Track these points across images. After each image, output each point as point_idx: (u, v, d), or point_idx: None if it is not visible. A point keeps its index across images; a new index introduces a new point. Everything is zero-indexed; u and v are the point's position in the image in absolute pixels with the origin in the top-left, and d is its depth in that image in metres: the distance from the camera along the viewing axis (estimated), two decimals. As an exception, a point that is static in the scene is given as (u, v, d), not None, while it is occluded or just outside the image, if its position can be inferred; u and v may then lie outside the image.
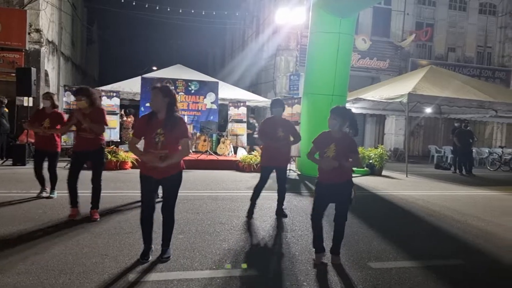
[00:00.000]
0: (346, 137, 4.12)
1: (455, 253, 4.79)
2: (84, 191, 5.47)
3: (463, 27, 19.94)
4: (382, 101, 12.95)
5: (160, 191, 4.05)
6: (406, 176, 11.61)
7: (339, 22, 10.40)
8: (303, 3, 15.72)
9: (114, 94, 12.81)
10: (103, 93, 12.22)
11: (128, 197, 6.72)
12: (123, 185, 8.04)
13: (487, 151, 17.07)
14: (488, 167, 15.79)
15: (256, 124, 14.36)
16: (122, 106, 13.83)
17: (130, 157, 10.28)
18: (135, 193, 6.04)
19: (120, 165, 10.23)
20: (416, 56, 19.21)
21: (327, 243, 4.26)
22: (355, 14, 10.97)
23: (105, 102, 12.14)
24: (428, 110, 15.93)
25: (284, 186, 6.00)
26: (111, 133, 12.13)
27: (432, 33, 19.22)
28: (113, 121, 12.19)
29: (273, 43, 18.04)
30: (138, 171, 4.05)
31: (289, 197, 6.98)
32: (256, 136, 14.18)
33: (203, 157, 11.95)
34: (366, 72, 18.31)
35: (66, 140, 10.95)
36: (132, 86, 13.98)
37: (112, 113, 12.40)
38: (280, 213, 6.03)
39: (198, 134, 13.02)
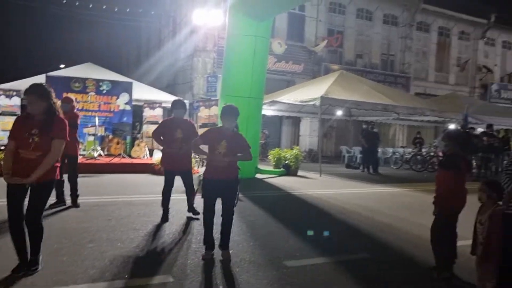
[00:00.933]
0: (237, 135, 4.33)
1: (363, 247, 5.08)
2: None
3: (369, 35, 21.40)
4: (297, 103, 13.42)
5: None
6: (320, 176, 12.12)
7: (256, 25, 10.56)
8: (220, 5, 15.74)
9: (15, 93, 11.73)
10: (0, 92, 11.13)
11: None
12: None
13: (391, 150, 18.48)
14: (392, 166, 17.09)
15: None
16: (23, 107, 12.70)
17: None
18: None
19: None
20: (328, 61, 20.19)
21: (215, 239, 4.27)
22: (271, 18, 11.23)
23: (4, 102, 11.07)
24: (339, 112, 16.83)
25: (192, 189, 5.95)
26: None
27: (342, 39, 20.36)
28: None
29: (190, 43, 17.81)
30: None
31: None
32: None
33: (116, 160, 11.40)
34: (282, 75, 18.84)
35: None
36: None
37: (12, 114, 11.36)
38: (192, 214, 5.96)
39: (110, 136, 12.38)
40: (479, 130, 15.40)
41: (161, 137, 5.80)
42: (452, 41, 23.74)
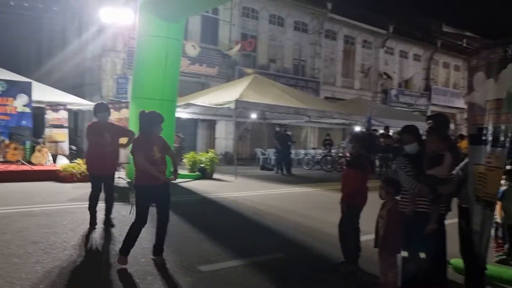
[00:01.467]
0: (160, 137, 4.40)
1: (277, 247, 5.18)
2: None
3: (281, 41, 22.09)
4: (212, 106, 13.37)
5: None
6: (236, 178, 12.20)
7: (168, 26, 10.31)
8: (130, 4, 15.13)
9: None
10: None
11: None
12: None
13: (303, 152, 19.23)
14: (304, 167, 17.78)
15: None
16: None
17: None
18: None
19: None
20: (242, 64, 20.42)
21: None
22: (183, 20, 11.04)
23: None
24: (254, 115, 17.12)
25: (112, 195, 5.68)
26: None
27: (255, 44, 20.74)
28: None
29: (99, 43, 16.85)
30: None
31: (118, 206, 6.53)
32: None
33: (13, 167, 10.38)
34: (197, 78, 18.66)
35: None
36: None
37: None
38: (108, 223, 5.65)
39: (6, 141, 11.24)
40: (381, 131, 16.65)
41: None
42: (357, 49, 25.41)
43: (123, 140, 5.84)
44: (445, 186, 3.44)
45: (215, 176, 12.37)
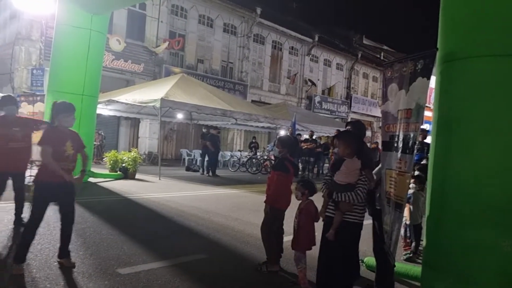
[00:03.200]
0: (76, 133, 4.17)
1: (200, 248, 5.16)
2: None
3: (210, 42, 22.02)
4: (136, 104, 12.95)
5: None
6: (159, 179, 11.91)
7: (91, 18, 9.82)
8: (50, -10, 14.14)
9: None
10: None
11: None
12: None
13: (229, 154, 19.32)
14: (230, 169, 17.87)
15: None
16: None
17: None
18: None
19: None
20: (169, 63, 20.04)
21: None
22: (107, 12, 10.58)
23: None
24: (180, 115, 16.87)
25: (22, 193, 5.30)
26: None
27: (183, 43, 20.46)
28: None
29: (11, 30, 15.55)
30: None
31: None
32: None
33: None
34: (121, 74, 17.95)
35: None
36: None
37: None
38: (19, 223, 5.31)
39: None
40: (305, 136, 17.29)
41: None
42: (284, 54, 26.13)
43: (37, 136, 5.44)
44: (342, 194, 3.43)
45: (138, 176, 11.98)
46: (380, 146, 5.32)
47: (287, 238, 4.53)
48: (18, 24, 15.28)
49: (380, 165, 3.89)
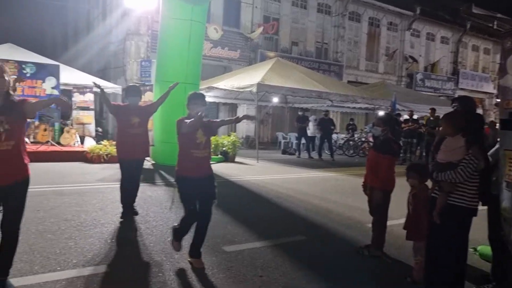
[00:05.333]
0: (207, 120, 4.01)
1: (299, 230, 5.23)
2: None
3: (304, 23, 21.79)
4: (234, 90, 13.38)
5: None
6: (257, 162, 12.26)
7: (191, 9, 10.31)
8: (154, -13, 15.16)
9: None
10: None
11: None
12: None
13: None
14: (326, 151, 17.67)
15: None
16: None
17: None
18: None
19: None
20: (264, 48, 20.30)
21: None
22: (206, 2, 11.02)
23: None
24: (276, 99, 17.07)
25: (138, 182, 5.46)
26: None
27: (278, 27, 20.54)
28: None
29: (123, 26, 17.01)
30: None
31: (143, 187, 6.67)
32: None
33: (43, 148, 10.70)
34: (219, 61, 18.67)
35: None
36: None
37: None
38: (131, 211, 5.39)
39: (36, 123, 11.58)
40: (405, 116, 16.37)
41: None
42: (381, 31, 24.87)
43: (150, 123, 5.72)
44: (444, 173, 3.20)
45: (237, 159, 12.46)
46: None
47: (391, 222, 4.39)
48: (128, 21, 16.66)
49: (496, 146, 3.55)
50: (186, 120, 3.70)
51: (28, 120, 11.07)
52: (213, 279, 3.56)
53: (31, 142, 11.16)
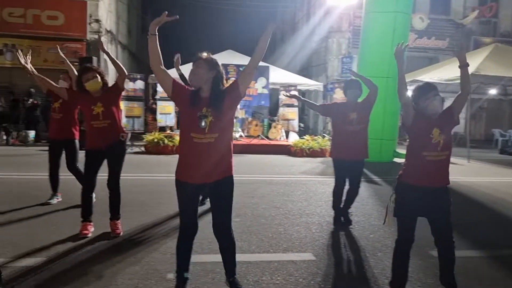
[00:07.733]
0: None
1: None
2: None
3: (532, 0, 18.42)
4: (442, 82, 12.31)
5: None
6: (468, 162, 11.05)
7: (396, 0, 9.96)
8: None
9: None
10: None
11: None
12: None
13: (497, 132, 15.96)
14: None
15: None
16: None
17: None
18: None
19: (176, 150, 10.52)
20: (479, 33, 18.01)
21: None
22: (412, -9, 10.47)
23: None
24: (492, 91, 14.98)
25: (358, 188, 4.84)
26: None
27: (497, 8, 17.91)
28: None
29: (325, 25, 17.64)
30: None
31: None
32: None
33: (255, 141, 12.03)
34: (423, 53, 17.47)
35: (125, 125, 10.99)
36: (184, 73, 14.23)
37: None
38: (346, 218, 4.90)
39: (250, 119, 13.11)
40: None
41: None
42: None
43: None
44: None
45: (443, 158, 11.44)
46: None
47: None
48: (330, 19, 17.17)
49: None
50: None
51: (242, 116, 12.43)
52: (419, 284, 3.41)
53: (245, 136, 12.68)
